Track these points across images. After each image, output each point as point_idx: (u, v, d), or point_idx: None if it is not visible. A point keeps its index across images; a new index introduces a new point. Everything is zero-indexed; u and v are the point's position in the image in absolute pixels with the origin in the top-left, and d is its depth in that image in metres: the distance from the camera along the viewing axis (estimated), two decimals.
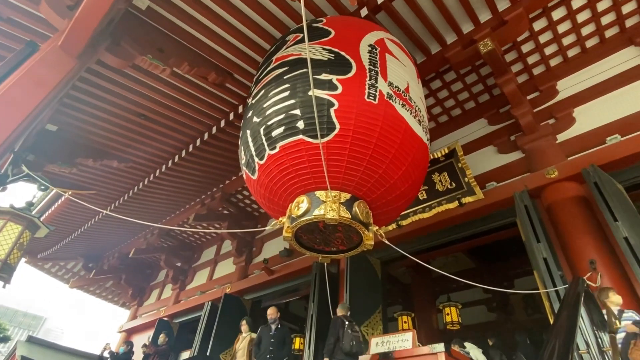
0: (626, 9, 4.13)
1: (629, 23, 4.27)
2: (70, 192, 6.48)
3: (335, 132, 2.48)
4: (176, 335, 8.32)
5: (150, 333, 8.29)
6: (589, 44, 4.51)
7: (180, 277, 9.47)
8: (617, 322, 2.56)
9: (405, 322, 5.10)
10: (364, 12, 3.92)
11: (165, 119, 5.29)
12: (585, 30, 4.36)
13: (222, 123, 5.43)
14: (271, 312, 4.77)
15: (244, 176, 3.22)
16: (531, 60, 4.74)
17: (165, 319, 8.60)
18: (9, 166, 4.32)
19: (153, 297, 10.39)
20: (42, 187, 5.04)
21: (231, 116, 5.31)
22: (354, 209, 2.54)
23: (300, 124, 2.53)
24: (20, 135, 3.44)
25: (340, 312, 4.02)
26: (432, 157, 4.99)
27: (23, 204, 4.26)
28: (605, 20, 4.25)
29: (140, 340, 8.06)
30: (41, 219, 4.68)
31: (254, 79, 3.52)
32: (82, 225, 8.17)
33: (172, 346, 7.24)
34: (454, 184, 4.92)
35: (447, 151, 4.98)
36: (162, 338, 6.75)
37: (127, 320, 10.34)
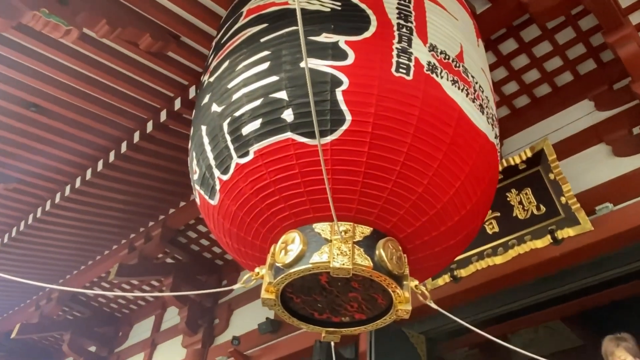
0: None
1: None
2: None
3: (345, 127, 2.49)
4: None
5: None
6: None
7: None
8: None
9: None
10: None
11: (69, 111, 5.35)
12: None
13: (162, 116, 5.50)
14: None
15: (198, 201, 3.24)
16: None
17: None
18: None
19: None
20: None
21: (176, 104, 5.38)
22: (377, 252, 2.52)
23: (288, 115, 2.54)
24: None
25: None
26: (505, 164, 5.02)
27: None
28: None
29: None
30: None
31: (213, 44, 3.60)
32: None
33: None
34: (542, 208, 4.94)
35: (530, 154, 5.02)
36: None
37: None
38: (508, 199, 5.09)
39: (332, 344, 5.18)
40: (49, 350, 10.68)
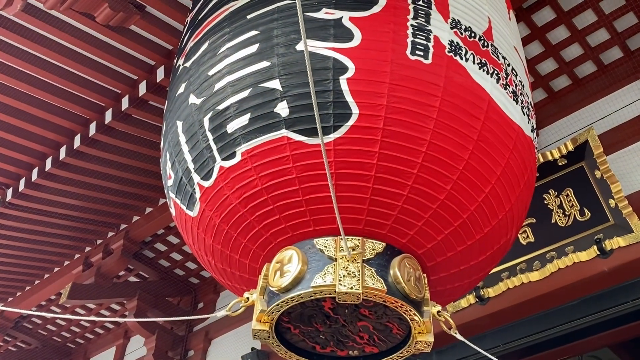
0: None
1: None
2: None
3: (351, 122, 2.51)
4: None
5: None
6: None
7: None
8: None
9: None
10: None
11: (12, 99, 5.36)
12: None
13: (124, 102, 5.51)
14: None
15: (173, 211, 3.26)
16: None
17: None
18: None
19: None
20: None
21: (141, 89, 5.39)
22: (392, 272, 2.55)
23: (282, 109, 2.56)
24: None
25: None
26: (541, 159, 5.06)
27: None
28: None
29: None
30: None
31: (188, 19, 3.62)
32: None
33: None
34: (587, 213, 4.99)
35: (571, 147, 5.08)
36: None
37: None
38: (546, 202, 5.10)
39: None
40: None
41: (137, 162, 6.18)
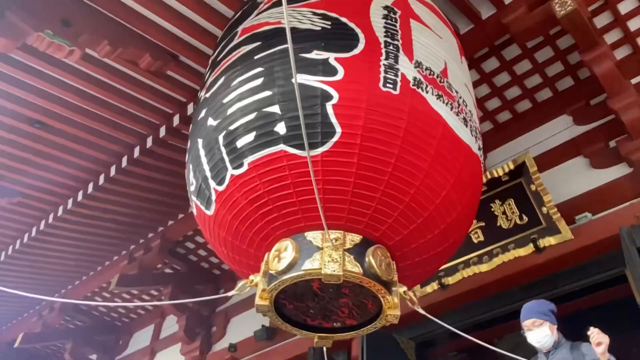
0: None
1: None
2: None
3: (335, 139, 2.49)
4: None
5: None
6: None
7: None
8: None
9: None
10: None
11: (72, 127, 5.35)
12: None
13: (162, 131, 5.50)
14: None
15: (194, 211, 3.22)
16: (635, 24, 4.85)
17: None
18: None
19: None
20: None
21: (175, 120, 5.39)
22: (367, 259, 2.51)
23: (281, 128, 2.54)
24: None
25: None
26: (488, 176, 5.04)
27: None
28: None
29: None
30: None
31: (210, 62, 3.60)
32: None
33: None
34: (525, 218, 4.96)
35: (512, 167, 5.05)
36: None
37: None
38: (492, 209, 5.12)
39: (325, 349, 5.14)
40: (51, 359, 10.55)
41: (171, 178, 6.17)
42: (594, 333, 2.71)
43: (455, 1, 4.42)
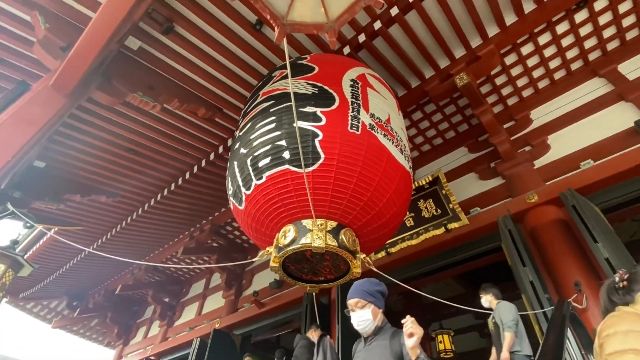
0: (588, 44, 4.41)
1: (592, 57, 4.54)
2: (56, 229, 6.32)
3: (320, 161, 2.51)
4: None
5: None
6: (557, 76, 4.76)
7: (168, 313, 9.11)
8: None
9: None
10: (346, 50, 4.09)
11: (154, 154, 5.29)
12: (552, 64, 4.61)
13: (212, 156, 5.46)
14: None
15: (231, 207, 3.20)
16: (505, 91, 4.95)
17: (152, 358, 8.17)
18: None
19: (139, 336, 9.91)
20: (28, 225, 4.91)
21: (220, 149, 5.35)
22: (340, 236, 2.53)
23: (286, 154, 2.55)
24: (7, 173, 3.40)
25: (317, 333, 3.98)
26: (416, 184, 5.05)
27: (7, 242, 4.13)
28: (570, 54, 4.51)
29: None
30: (25, 257, 4.52)
31: (242, 113, 3.59)
32: (67, 262, 7.91)
33: None
34: (439, 211, 4.94)
35: (431, 179, 5.04)
36: None
37: None
38: (419, 205, 5.11)
39: (314, 294, 5.13)
40: (139, 301, 10.34)
41: (217, 186, 6.10)
42: (408, 322, 1.53)
43: (394, 76, 4.46)
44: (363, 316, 1.94)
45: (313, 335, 4.19)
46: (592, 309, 3.25)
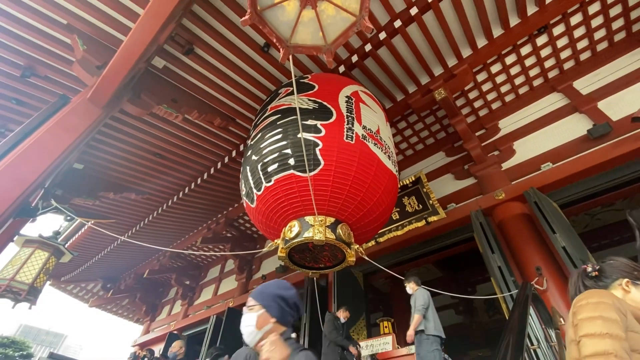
0: (548, 64, 4.44)
1: (551, 75, 4.57)
2: (92, 222, 6.31)
3: (321, 167, 2.52)
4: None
5: (161, 346, 7.87)
6: (521, 91, 4.78)
7: (188, 293, 9.12)
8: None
9: (386, 327, 4.96)
10: (341, 68, 4.10)
11: (177, 157, 5.28)
12: (517, 81, 4.64)
13: (226, 159, 5.45)
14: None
15: (245, 205, 3.21)
16: (477, 104, 4.97)
17: (175, 332, 8.19)
18: (40, 200, 4.20)
19: (164, 313, 9.93)
20: (68, 218, 4.89)
21: (233, 154, 5.34)
22: (337, 230, 2.54)
23: (291, 161, 2.56)
24: (50, 174, 3.39)
25: (346, 313, 4.21)
26: (401, 184, 5.07)
27: (50, 233, 4.12)
28: (533, 72, 4.53)
29: None
30: (66, 246, 4.51)
31: (253, 124, 3.59)
32: (102, 250, 7.90)
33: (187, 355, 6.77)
34: (421, 206, 4.96)
35: (413, 179, 5.06)
36: (178, 347, 4.98)
37: (140, 335, 9.79)
38: (403, 201, 5.12)
39: (315, 278, 5.16)
40: (164, 283, 10.34)
41: (231, 185, 6.08)
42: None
43: (383, 90, 4.45)
44: (245, 321, 1.22)
45: (341, 315, 4.25)
46: (551, 289, 3.30)
